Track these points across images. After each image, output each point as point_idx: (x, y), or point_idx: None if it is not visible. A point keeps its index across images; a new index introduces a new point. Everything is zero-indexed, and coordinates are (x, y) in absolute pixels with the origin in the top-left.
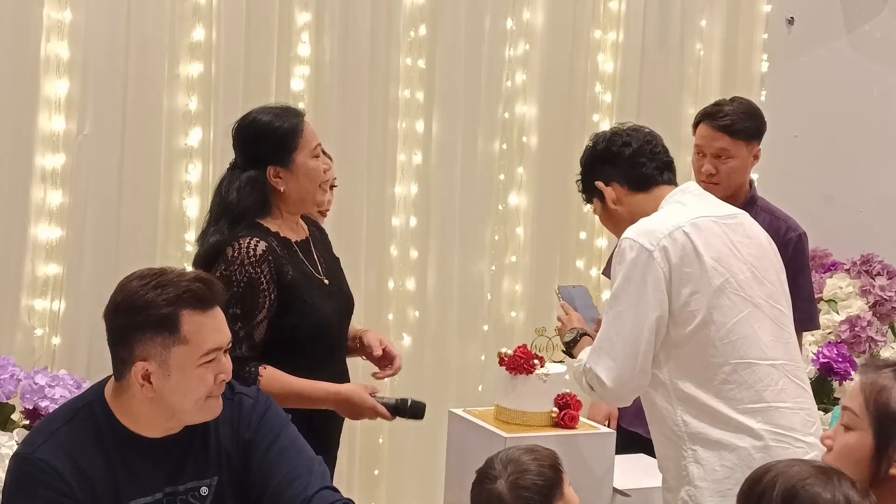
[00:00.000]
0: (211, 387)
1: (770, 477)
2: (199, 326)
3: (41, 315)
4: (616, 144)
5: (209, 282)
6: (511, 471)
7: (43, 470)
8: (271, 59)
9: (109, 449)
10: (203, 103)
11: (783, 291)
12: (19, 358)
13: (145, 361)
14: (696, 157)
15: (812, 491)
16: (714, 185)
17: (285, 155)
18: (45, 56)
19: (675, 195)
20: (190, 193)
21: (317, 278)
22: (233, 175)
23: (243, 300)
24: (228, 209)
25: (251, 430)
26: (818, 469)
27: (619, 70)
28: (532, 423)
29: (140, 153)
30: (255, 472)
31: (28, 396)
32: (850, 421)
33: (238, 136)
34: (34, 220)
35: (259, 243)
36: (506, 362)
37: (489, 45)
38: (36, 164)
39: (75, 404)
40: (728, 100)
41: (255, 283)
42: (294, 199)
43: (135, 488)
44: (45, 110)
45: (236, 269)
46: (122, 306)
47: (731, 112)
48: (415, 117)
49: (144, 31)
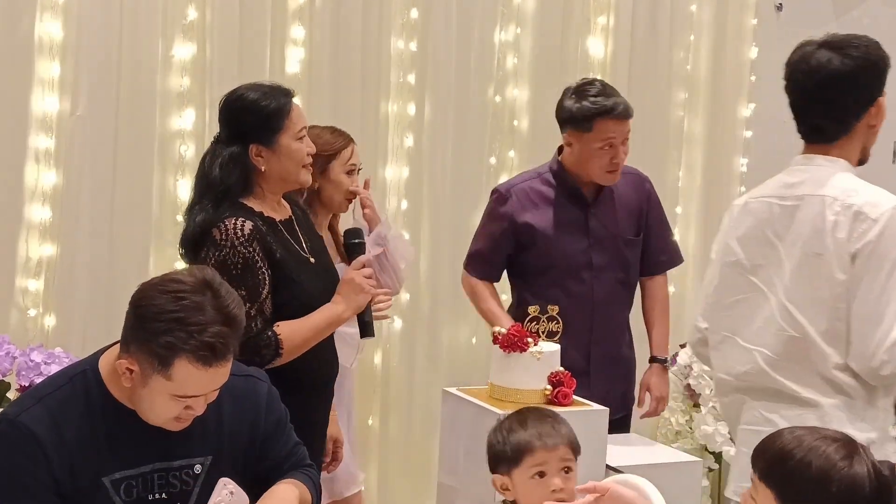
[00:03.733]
0: (176, 413)
1: (801, 454)
2: (190, 377)
3: (35, 296)
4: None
5: (222, 346)
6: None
7: (23, 435)
8: (265, 40)
9: (97, 420)
10: (196, 84)
11: None
12: (13, 338)
13: (131, 363)
14: (601, 151)
15: (850, 472)
16: (617, 172)
17: (269, 134)
18: (38, 37)
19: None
20: (183, 174)
21: (303, 256)
22: (216, 149)
23: (245, 280)
24: (211, 186)
25: (271, 418)
26: (842, 445)
27: (609, 54)
28: (526, 400)
29: (133, 134)
30: (259, 451)
31: (24, 374)
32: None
33: (224, 110)
34: (28, 200)
35: (245, 223)
36: (499, 340)
37: (480, 29)
38: (29, 145)
39: (69, 371)
40: (598, 85)
41: (251, 261)
42: (275, 178)
43: (121, 460)
44: (39, 91)
45: (228, 251)
46: (139, 311)
47: (618, 98)
48: (406, 100)
49: (137, 11)
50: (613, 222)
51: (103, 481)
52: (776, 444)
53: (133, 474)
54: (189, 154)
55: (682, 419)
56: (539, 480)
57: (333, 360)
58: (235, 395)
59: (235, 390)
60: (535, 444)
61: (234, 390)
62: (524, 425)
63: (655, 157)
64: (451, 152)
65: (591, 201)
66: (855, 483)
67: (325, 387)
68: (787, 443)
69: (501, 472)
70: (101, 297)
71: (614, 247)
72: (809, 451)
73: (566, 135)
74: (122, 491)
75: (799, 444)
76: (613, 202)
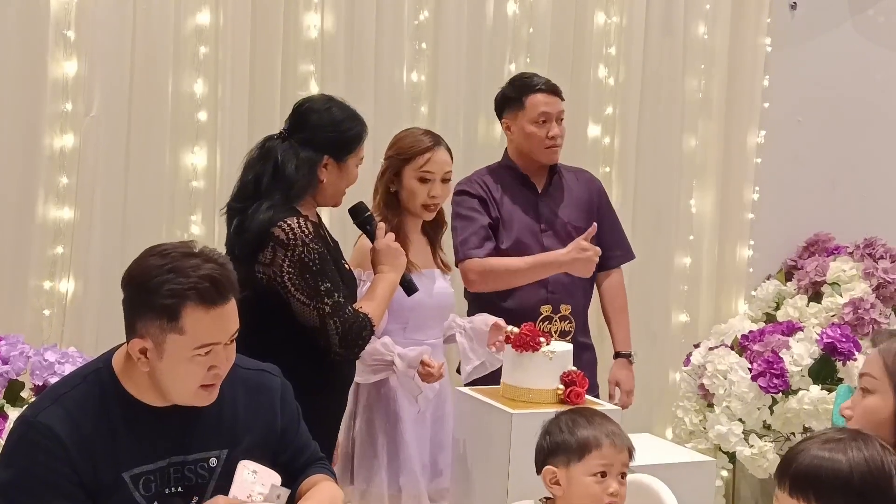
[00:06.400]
0: (202, 377)
1: (793, 454)
2: (200, 322)
3: (49, 296)
4: None
5: (222, 279)
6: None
7: (44, 434)
8: (277, 41)
9: (113, 416)
10: (209, 86)
11: None
12: (28, 338)
13: (143, 339)
14: (536, 127)
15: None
16: (557, 148)
17: (344, 153)
18: (52, 38)
19: None
20: (196, 175)
21: (340, 261)
22: (289, 147)
23: (325, 273)
24: (286, 182)
25: (287, 411)
26: (830, 438)
27: (622, 53)
28: (538, 400)
29: (147, 135)
30: (276, 444)
31: (38, 373)
32: (870, 384)
33: (309, 115)
34: (42, 201)
35: (307, 222)
36: (512, 340)
37: (492, 29)
38: (44, 146)
39: (83, 371)
40: (528, 73)
41: (323, 256)
42: (328, 193)
43: (138, 456)
44: (53, 92)
45: (302, 248)
46: (134, 281)
47: (546, 80)
48: (418, 100)
49: (151, 12)
50: (564, 209)
51: (123, 477)
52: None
53: (151, 469)
54: (202, 155)
55: (696, 419)
56: (599, 480)
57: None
58: (249, 387)
59: (249, 383)
60: (603, 441)
61: (248, 383)
62: (591, 422)
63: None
64: (462, 153)
65: (540, 190)
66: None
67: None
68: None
69: (558, 465)
70: (115, 296)
71: (565, 232)
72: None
73: (504, 122)
74: (141, 486)
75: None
76: (563, 192)
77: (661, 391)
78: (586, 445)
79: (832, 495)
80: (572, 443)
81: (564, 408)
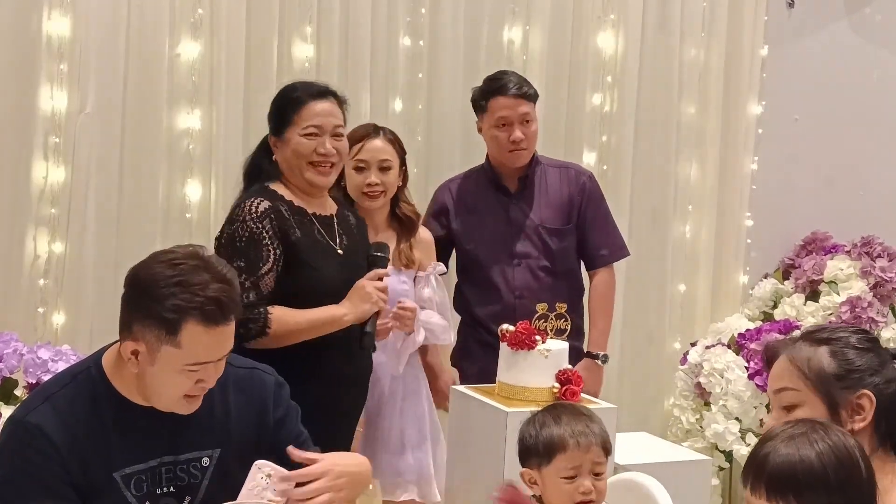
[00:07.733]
0: (188, 389)
1: (762, 456)
2: (198, 341)
3: (43, 293)
4: None
5: (227, 301)
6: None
7: (34, 434)
8: (272, 39)
9: (104, 415)
10: (204, 83)
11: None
12: (21, 336)
13: (136, 342)
14: (498, 131)
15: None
16: (522, 151)
17: (280, 126)
18: (46, 34)
19: None
20: (191, 173)
21: (331, 247)
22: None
23: (246, 253)
24: (254, 171)
25: (279, 409)
26: (792, 435)
27: (619, 51)
28: (534, 398)
29: (141, 132)
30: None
31: (31, 371)
32: (793, 398)
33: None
34: (36, 198)
35: (262, 202)
36: (507, 338)
37: (489, 26)
38: (37, 143)
39: (73, 370)
40: (501, 73)
41: (257, 237)
42: (284, 168)
43: (129, 455)
44: (47, 88)
45: (238, 225)
46: (140, 284)
47: (516, 80)
48: (415, 98)
49: (145, 9)
50: (537, 211)
51: (114, 477)
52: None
53: (142, 469)
54: (197, 152)
55: (693, 418)
56: (569, 481)
57: (363, 357)
58: (242, 387)
59: (241, 382)
60: (568, 442)
61: (240, 382)
62: (558, 421)
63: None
64: (460, 150)
65: (513, 192)
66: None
67: (351, 381)
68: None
69: (531, 467)
70: (109, 294)
71: (537, 235)
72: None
73: (477, 123)
74: (132, 486)
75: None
76: (538, 193)
77: (657, 390)
78: (552, 448)
79: (812, 494)
80: (539, 446)
81: None
